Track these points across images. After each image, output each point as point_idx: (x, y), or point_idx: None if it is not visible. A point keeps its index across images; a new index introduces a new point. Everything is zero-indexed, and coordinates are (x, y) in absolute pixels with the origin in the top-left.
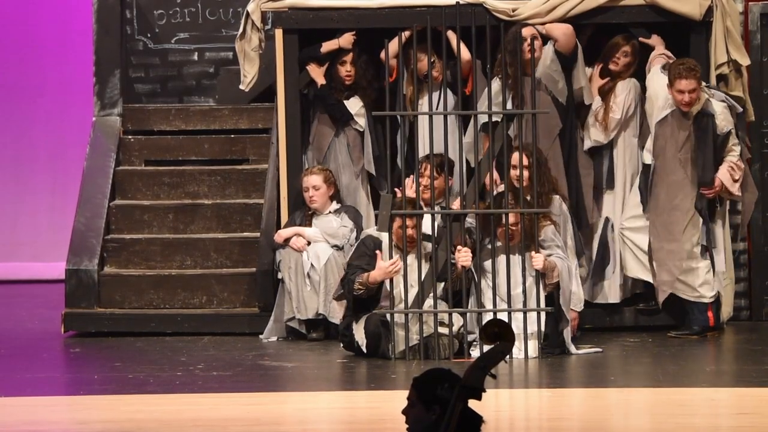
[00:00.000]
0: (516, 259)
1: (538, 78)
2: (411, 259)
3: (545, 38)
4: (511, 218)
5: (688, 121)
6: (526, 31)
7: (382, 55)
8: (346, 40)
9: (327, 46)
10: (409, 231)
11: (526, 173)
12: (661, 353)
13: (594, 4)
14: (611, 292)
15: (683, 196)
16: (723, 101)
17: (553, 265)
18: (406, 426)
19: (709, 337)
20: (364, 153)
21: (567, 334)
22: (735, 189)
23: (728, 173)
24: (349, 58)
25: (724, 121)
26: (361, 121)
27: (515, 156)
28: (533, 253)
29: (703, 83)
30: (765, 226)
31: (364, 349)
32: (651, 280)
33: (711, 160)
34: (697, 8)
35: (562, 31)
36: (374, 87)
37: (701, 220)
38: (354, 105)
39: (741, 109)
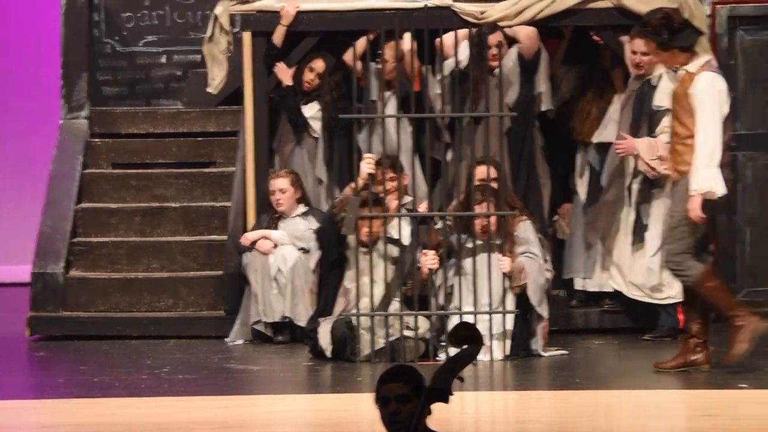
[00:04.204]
0: (484, 260)
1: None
2: (376, 259)
3: (512, 41)
4: (484, 210)
5: (637, 83)
6: (493, 38)
7: (347, 57)
8: (287, 16)
9: (276, 38)
10: (374, 228)
11: (494, 184)
12: (626, 355)
13: (562, 6)
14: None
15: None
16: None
17: (521, 266)
18: (389, 425)
19: (678, 339)
20: (317, 159)
21: (539, 332)
22: (648, 158)
23: (646, 143)
24: (319, 67)
25: (662, 97)
26: (316, 126)
27: (481, 169)
28: (500, 256)
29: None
30: (731, 229)
31: (328, 354)
32: (612, 282)
33: (637, 126)
34: None
35: (526, 33)
36: (337, 93)
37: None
38: (310, 109)
39: None
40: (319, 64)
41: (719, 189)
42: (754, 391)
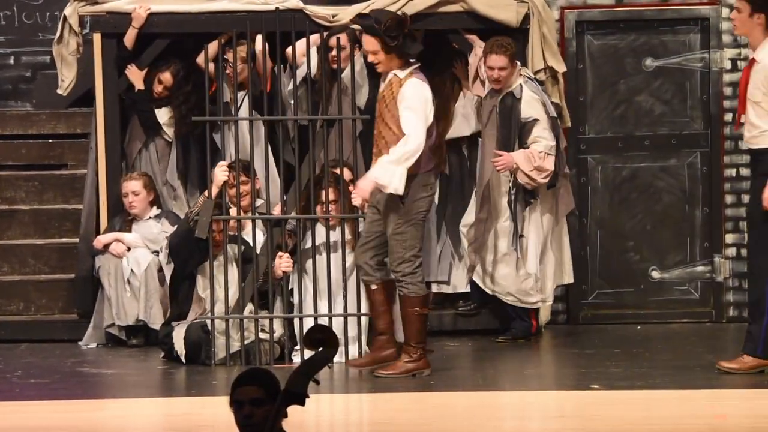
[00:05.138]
0: (339, 263)
1: (346, 83)
2: (229, 263)
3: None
4: (331, 195)
5: (496, 99)
6: (343, 39)
7: (199, 59)
8: (138, 18)
9: (127, 40)
10: (219, 235)
11: (351, 187)
12: (480, 357)
13: (413, 10)
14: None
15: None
16: (537, 96)
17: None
18: (244, 428)
19: (531, 341)
20: (169, 163)
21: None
22: (528, 170)
23: (523, 155)
24: (166, 80)
25: (529, 108)
26: (170, 131)
27: (336, 171)
28: (353, 191)
29: (527, 73)
30: (581, 232)
31: (183, 359)
32: (479, 282)
33: (508, 139)
34: (513, 15)
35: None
36: (191, 99)
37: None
38: (164, 115)
39: (554, 114)
40: (166, 77)
41: (398, 187)
42: (604, 392)
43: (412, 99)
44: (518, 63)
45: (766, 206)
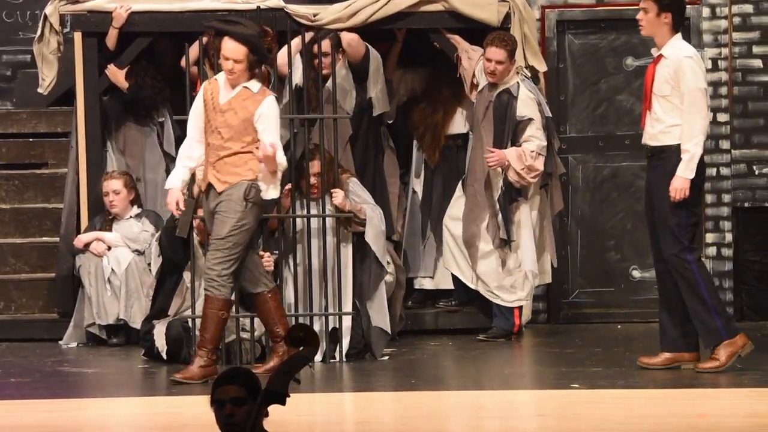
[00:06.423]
0: (320, 262)
1: (330, 89)
2: None
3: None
4: (313, 179)
5: (493, 93)
6: (325, 44)
7: (183, 62)
8: (119, 18)
9: (108, 40)
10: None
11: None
12: (461, 356)
13: (395, 9)
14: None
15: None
16: (533, 96)
17: (357, 207)
18: (225, 428)
19: (512, 340)
20: (164, 135)
21: (379, 336)
22: (519, 168)
23: (515, 153)
24: (131, 78)
25: (524, 107)
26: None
27: (315, 163)
28: (333, 190)
29: (525, 73)
30: (562, 231)
31: (164, 356)
32: (460, 276)
33: (502, 136)
34: (495, 14)
35: (347, 42)
36: (162, 96)
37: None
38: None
39: (549, 114)
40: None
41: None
42: (585, 391)
43: (273, 118)
44: (516, 61)
45: (674, 198)
